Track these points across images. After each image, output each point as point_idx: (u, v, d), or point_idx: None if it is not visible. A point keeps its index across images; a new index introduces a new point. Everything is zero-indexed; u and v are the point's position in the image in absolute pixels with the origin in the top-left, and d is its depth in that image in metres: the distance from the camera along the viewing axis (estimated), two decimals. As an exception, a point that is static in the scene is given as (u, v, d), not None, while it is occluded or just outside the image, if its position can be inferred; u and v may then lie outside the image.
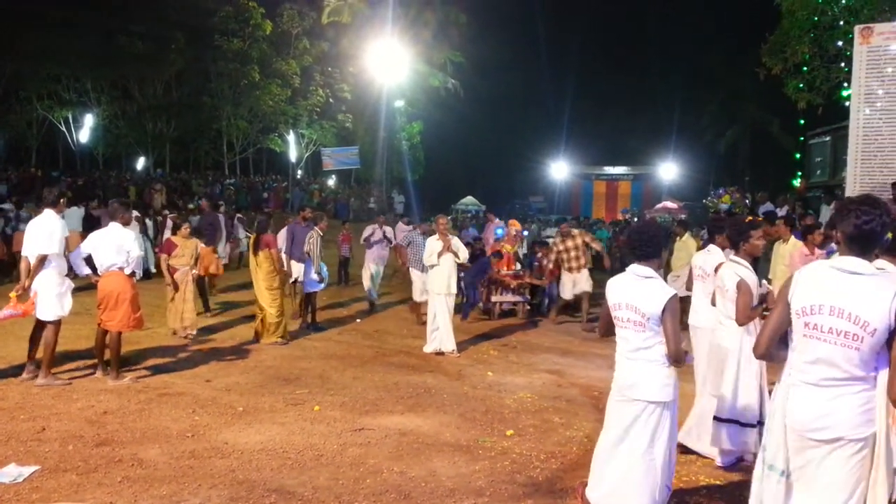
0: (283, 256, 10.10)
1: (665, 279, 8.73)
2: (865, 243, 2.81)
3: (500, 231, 14.22)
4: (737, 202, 19.81)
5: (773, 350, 3.07)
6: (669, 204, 32.59)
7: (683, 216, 22.27)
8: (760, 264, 9.57)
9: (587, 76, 50.08)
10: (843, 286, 2.79)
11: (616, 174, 46.98)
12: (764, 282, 5.00)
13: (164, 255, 9.28)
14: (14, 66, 31.47)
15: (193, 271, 9.34)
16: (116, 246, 6.69)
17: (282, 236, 10.51)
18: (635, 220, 29.75)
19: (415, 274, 10.79)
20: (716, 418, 4.93)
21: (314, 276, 9.94)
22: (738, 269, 4.73)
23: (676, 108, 41.63)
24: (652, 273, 3.76)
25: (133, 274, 6.87)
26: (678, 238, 11.47)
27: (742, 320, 4.63)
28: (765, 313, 4.38)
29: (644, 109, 46.71)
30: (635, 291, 3.74)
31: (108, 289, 6.64)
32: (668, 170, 43.98)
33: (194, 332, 8.99)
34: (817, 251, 8.08)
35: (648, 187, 44.65)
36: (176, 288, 8.94)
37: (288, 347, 8.69)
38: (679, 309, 3.69)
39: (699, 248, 8.37)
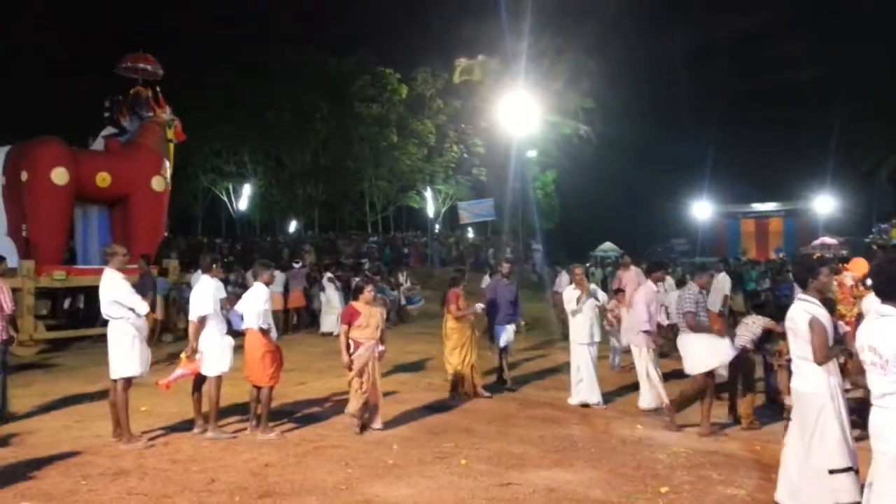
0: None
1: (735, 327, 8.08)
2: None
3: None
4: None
5: None
6: (828, 240, 30.29)
7: (844, 252, 20.63)
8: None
9: (726, 111, 48.19)
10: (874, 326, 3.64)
11: (765, 211, 44.44)
12: (840, 323, 5.03)
13: (344, 325, 7.53)
14: (182, 145, 34.98)
15: (380, 347, 7.45)
16: (250, 305, 7.13)
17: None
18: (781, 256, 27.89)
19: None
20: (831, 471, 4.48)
21: None
22: (808, 308, 4.63)
23: (828, 138, 38.96)
24: (891, 311, 3.70)
25: (264, 331, 7.05)
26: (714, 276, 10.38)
27: (821, 359, 4.48)
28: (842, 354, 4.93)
29: (790, 141, 44.13)
30: (876, 330, 3.70)
31: (246, 347, 7.14)
32: (824, 203, 41.02)
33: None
34: None
35: (802, 223, 41.77)
36: (350, 367, 7.25)
37: (428, 401, 8.78)
38: (828, 329, 4.25)
39: None
